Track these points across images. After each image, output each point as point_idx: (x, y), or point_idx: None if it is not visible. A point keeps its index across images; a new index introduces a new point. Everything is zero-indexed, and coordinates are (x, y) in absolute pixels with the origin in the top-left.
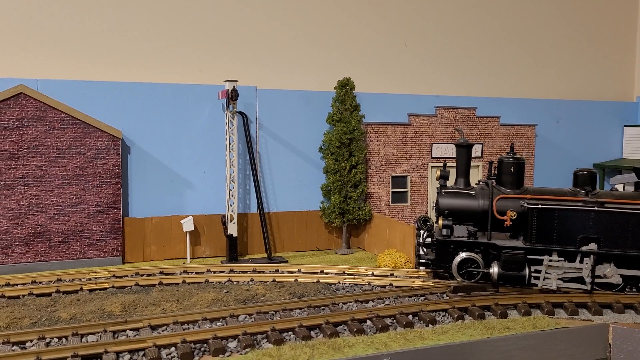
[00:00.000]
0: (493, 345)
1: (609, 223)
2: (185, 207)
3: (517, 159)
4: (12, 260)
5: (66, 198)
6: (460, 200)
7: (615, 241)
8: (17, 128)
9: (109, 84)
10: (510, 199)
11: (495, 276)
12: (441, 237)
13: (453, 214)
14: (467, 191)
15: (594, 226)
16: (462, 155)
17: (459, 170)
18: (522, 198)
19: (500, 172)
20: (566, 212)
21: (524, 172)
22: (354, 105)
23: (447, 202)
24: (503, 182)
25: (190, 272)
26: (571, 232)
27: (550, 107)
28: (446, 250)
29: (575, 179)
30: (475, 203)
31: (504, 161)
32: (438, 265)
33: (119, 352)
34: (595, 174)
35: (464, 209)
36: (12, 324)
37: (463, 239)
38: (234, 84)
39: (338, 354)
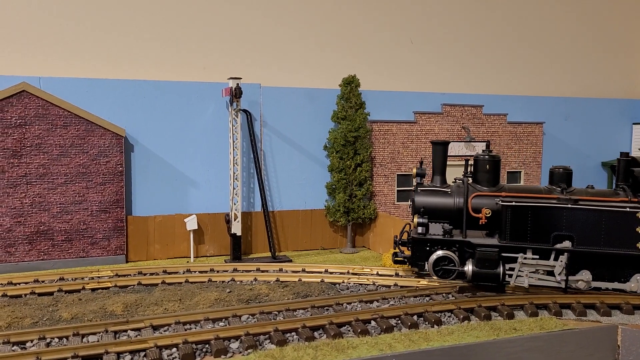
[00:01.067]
0: (499, 346)
1: (582, 220)
2: (189, 205)
3: (492, 157)
4: (15, 258)
5: (69, 196)
6: (435, 198)
7: (589, 239)
8: (20, 126)
9: (112, 82)
10: (485, 196)
11: (470, 274)
12: (417, 235)
13: (429, 211)
14: (443, 189)
15: (568, 224)
16: (438, 152)
17: (435, 168)
18: (497, 196)
19: (476, 170)
20: (540, 210)
21: (499, 169)
22: (359, 103)
23: (423, 200)
24: (479, 180)
25: (193, 271)
26: (545, 230)
27: (559, 105)
28: (422, 248)
29: (551, 176)
30: (451, 201)
31: (480, 159)
32: (414, 263)
33: (120, 352)
34: (570, 171)
35: (439, 207)
36: (13, 324)
37: (438, 237)
38: (237, 82)
39: (342, 355)
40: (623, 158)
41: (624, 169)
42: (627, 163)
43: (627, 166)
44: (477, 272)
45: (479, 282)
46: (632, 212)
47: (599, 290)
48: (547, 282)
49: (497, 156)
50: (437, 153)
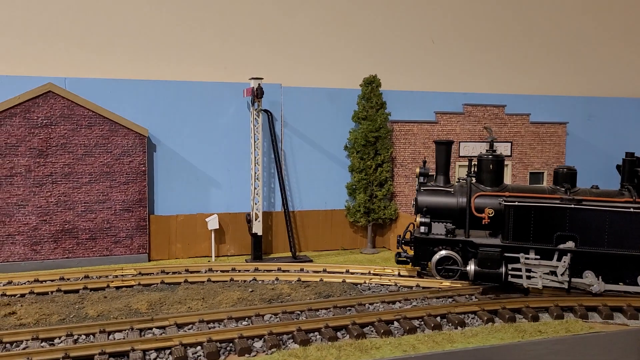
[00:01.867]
0: (524, 349)
1: (586, 221)
2: (210, 205)
3: (496, 157)
4: (41, 256)
5: (93, 195)
6: (438, 198)
7: (593, 239)
8: (46, 126)
9: (136, 82)
10: (488, 196)
11: (472, 274)
12: (419, 235)
13: (431, 211)
14: (446, 189)
15: (571, 224)
16: (442, 152)
17: (438, 167)
18: (500, 195)
19: (479, 170)
20: (542, 210)
21: (503, 169)
22: (380, 103)
23: (426, 199)
24: (482, 180)
25: (215, 270)
26: (548, 230)
27: (582, 105)
28: (425, 247)
29: (556, 176)
30: (454, 200)
31: (483, 159)
32: (417, 262)
33: (146, 350)
34: (575, 171)
35: (442, 207)
36: (40, 320)
37: (441, 236)
38: (259, 82)
39: (365, 355)
40: (628, 158)
41: (628, 169)
42: (631, 163)
43: (631, 166)
44: (480, 271)
45: (482, 281)
46: (636, 212)
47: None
48: (552, 282)
49: (500, 156)
50: (441, 153)
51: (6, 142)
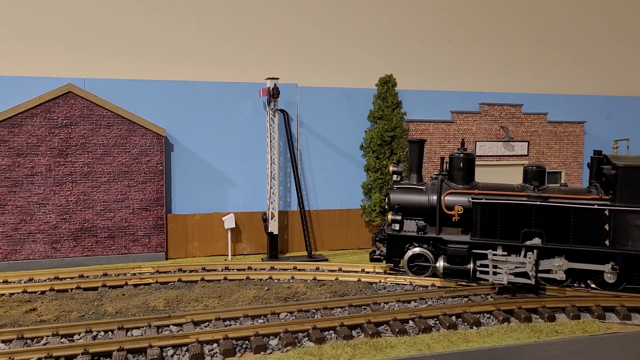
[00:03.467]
0: (540, 349)
1: (551, 218)
2: (227, 204)
3: (467, 155)
4: (61, 254)
5: (112, 194)
6: (410, 196)
7: (559, 235)
8: (66, 126)
9: (153, 83)
10: (458, 193)
11: (441, 270)
12: (391, 232)
13: (404, 209)
14: (418, 186)
15: (537, 221)
16: (415, 151)
17: (412, 166)
18: (470, 193)
19: (451, 168)
20: (509, 207)
21: (474, 167)
22: (396, 102)
23: (398, 197)
24: (454, 178)
25: (231, 269)
26: (515, 227)
27: (600, 104)
28: (397, 244)
29: (525, 174)
30: (425, 198)
31: (454, 157)
32: (389, 259)
33: (163, 346)
34: (543, 169)
35: (414, 204)
36: (60, 317)
37: (412, 233)
38: (275, 82)
39: (380, 354)
40: (595, 156)
41: (596, 167)
42: (599, 161)
43: (598, 164)
44: (448, 268)
45: (450, 277)
46: (600, 209)
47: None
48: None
49: (471, 154)
50: (414, 151)
51: (27, 142)
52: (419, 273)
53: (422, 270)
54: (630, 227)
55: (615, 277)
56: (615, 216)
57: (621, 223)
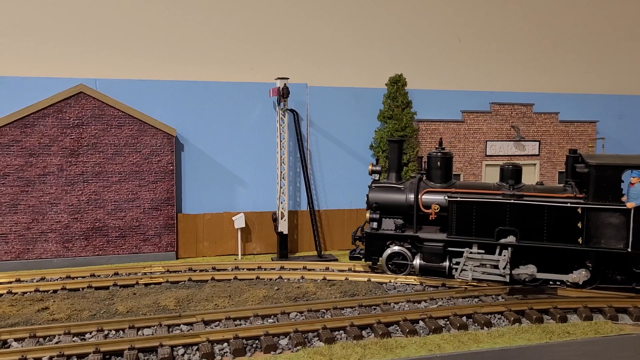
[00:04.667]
0: (552, 350)
1: (525, 216)
2: (237, 204)
3: (444, 154)
4: (73, 253)
5: (123, 194)
6: (388, 194)
7: (533, 233)
8: (77, 126)
9: (164, 83)
10: (436, 192)
11: (417, 268)
12: (370, 231)
13: (383, 207)
14: (397, 185)
15: (511, 219)
16: (394, 150)
17: (391, 165)
18: (447, 192)
19: (429, 167)
20: (484, 205)
21: (451, 166)
22: (406, 102)
23: (376, 196)
24: (431, 177)
25: (241, 268)
26: (489, 225)
27: (613, 103)
28: (375, 243)
29: (501, 173)
30: (403, 197)
31: (432, 156)
32: (368, 258)
33: (174, 345)
34: (519, 167)
35: (392, 203)
36: (72, 316)
37: (390, 232)
38: (285, 82)
39: (390, 354)
40: (570, 155)
41: (571, 165)
42: (574, 160)
43: (573, 163)
44: (425, 265)
45: (427, 275)
46: (572, 207)
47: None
48: (492, 276)
49: (448, 153)
50: (393, 151)
51: (39, 142)
52: (397, 271)
53: (401, 268)
54: (603, 225)
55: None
56: (588, 214)
57: (594, 221)
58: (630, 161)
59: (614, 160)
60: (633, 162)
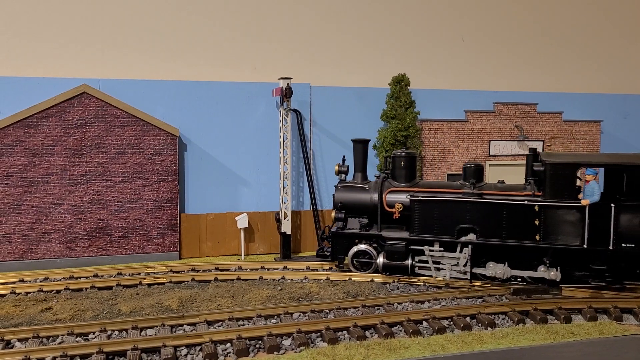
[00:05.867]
0: (556, 351)
1: (485, 214)
2: (240, 204)
3: (408, 154)
4: (76, 254)
5: (126, 194)
6: (354, 194)
7: (492, 231)
8: (81, 126)
9: (167, 83)
10: (399, 192)
11: (381, 266)
12: (335, 230)
13: (348, 207)
14: (362, 185)
15: (471, 217)
16: (359, 150)
17: (356, 165)
18: (410, 191)
19: (393, 167)
20: (444, 204)
21: (415, 165)
22: (409, 101)
23: (341, 195)
24: (396, 176)
25: (244, 268)
26: (450, 223)
27: (617, 102)
28: (341, 242)
29: (464, 172)
30: (368, 196)
31: (396, 156)
32: (334, 257)
33: (177, 346)
34: (481, 166)
35: (357, 202)
36: (75, 316)
37: (355, 231)
38: (288, 82)
39: (393, 355)
40: (530, 154)
41: (530, 164)
42: (532, 158)
43: (532, 161)
44: (387, 264)
45: (390, 273)
46: (530, 205)
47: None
48: (457, 274)
49: (412, 153)
50: (358, 151)
51: (43, 142)
52: (363, 269)
53: (366, 266)
54: (559, 222)
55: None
56: (545, 212)
57: (550, 218)
58: (584, 159)
59: (569, 158)
60: (587, 160)
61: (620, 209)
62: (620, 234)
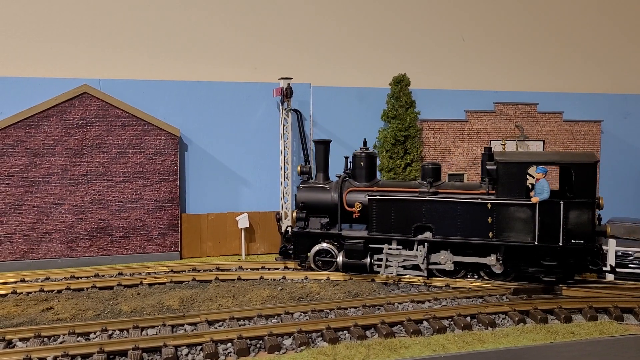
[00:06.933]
0: (556, 350)
1: (440, 212)
2: (241, 204)
3: (368, 154)
4: (77, 253)
5: (127, 194)
6: (315, 194)
7: (447, 229)
8: (81, 127)
9: (168, 83)
10: (359, 191)
11: (340, 264)
12: (297, 229)
13: (310, 206)
14: (323, 185)
15: (427, 215)
16: (321, 151)
17: (318, 165)
18: (369, 190)
19: (354, 167)
20: (401, 203)
21: (375, 165)
22: (410, 101)
23: (303, 195)
24: (356, 176)
25: (245, 268)
26: (407, 222)
27: (618, 102)
28: (303, 241)
29: (423, 171)
30: (329, 196)
31: (356, 156)
32: (297, 256)
33: (178, 345)
34: (438, 165)
35: (318, 202)
36: (77, 316)
37: (316, 230)
38: (288, 82)
39: (394, 354)
40: (485, 153)
41: (485, 163)
42: (488, 157)
43: (487, 160)
44: (346, 262)
45: (349, 271)
46: (483, 203)
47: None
48: (413, 270)
49: (372, 153)
50: (320, 152)
51: (44, 143)
52: (324, 268)
53: (329, 265)
54: (511, 219)
55: (502, 268)
56: (497, 209)
57: (502, 216)
58: (534, 158)
59: (519, 157)
60: (537, 159)
61: (569, 206)
62: (570, 230)
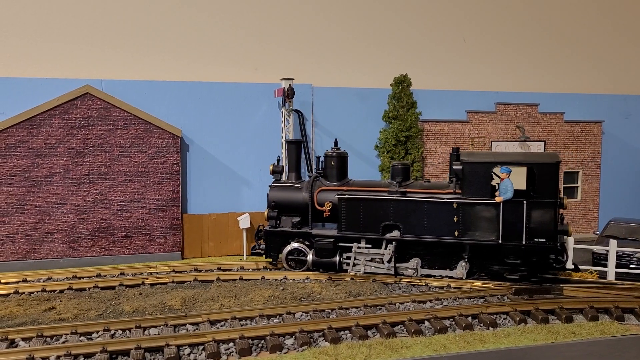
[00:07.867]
0: (557, 350)
1: (407, 211)
2: (242, 204)
3: (339, 154)
4: (79, 254)
5: (128, 194)
6: (286, 193)
7: (414, 228)
8: (83, 127)
9: (170, 84)
10: (329, 191)
11: (310, 263)
12: (268, 229)
13: (281, 206)
14: (294, 184)
15: (395, 214)
16: (292, 151)
17: (290, 165)
18: (339, 190)
19: (325, 167)
20: (369, 202)
21: (346, 165)
22: (411, 102)
23: (275, 195)
24: (327, 176)
25: (246, 268)
26: (375, 221)
27: (618, 103)
28: (275, 240)
29: (392, 171)
30: (300, 195)
31: (327, 156)
32: (268, 254)
33: (180, 345)
34: (408, 165)
35: (290, 201)
36: (79, 315)
37: (287, 229)
38: (290, 82)
39: (395, 354)
40: (453, 153)
41: (452, 163)
42: (455, 158)
43: (454, 160)
44: (316, 260)
45: (319, 269)
46: (449, 202)
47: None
48: (380, 269)
49: (343, 153)
50: (292, 152)
51: (46, 143)
52: (296, 267)
53: (301, 264)
54: (477, 218)
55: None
56: (463, 208)
57: (468, 215)
58: (499, 158)
59: (485, 157)
60: (501, 159)
61: (532, 206)
62: (532, 229)
